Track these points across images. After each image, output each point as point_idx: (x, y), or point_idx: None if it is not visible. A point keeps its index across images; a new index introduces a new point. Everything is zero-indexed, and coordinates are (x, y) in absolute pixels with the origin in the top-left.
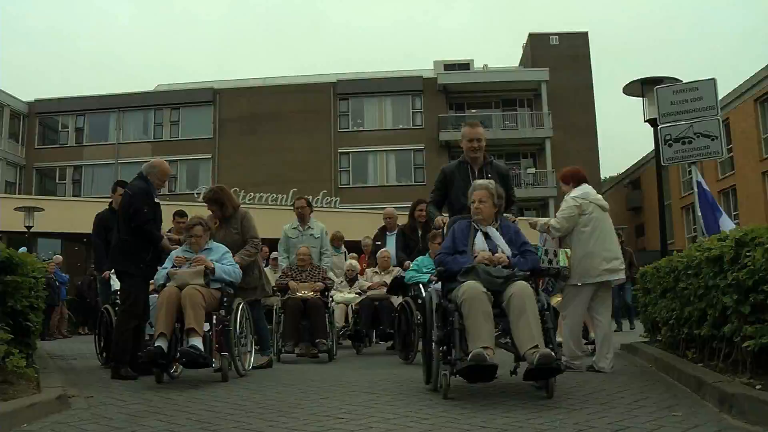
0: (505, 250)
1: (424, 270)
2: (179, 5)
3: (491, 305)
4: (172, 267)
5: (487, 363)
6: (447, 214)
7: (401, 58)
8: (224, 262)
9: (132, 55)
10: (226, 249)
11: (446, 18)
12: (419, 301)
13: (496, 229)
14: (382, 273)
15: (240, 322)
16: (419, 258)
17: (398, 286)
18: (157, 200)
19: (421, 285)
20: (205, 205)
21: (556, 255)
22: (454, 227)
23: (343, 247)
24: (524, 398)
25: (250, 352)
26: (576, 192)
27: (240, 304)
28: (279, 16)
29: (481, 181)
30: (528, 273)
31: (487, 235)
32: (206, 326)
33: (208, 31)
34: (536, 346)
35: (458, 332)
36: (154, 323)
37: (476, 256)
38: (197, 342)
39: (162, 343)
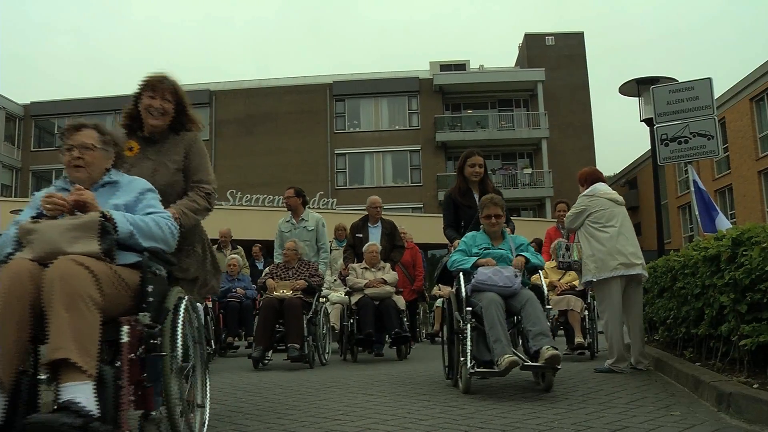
0: None
1: (474, 250)
2: (177, 6)
3: None
4: (31, 218)
5: None
6: None
7: (397, 59)
8: (141, 206)
9: (128, 56)
10: (148, 186)
11: (443, 19)
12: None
13: None
14: (374, 269)
15: (186, 335)
16: (469, 234)
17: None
18: None
19: (461, 274)
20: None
21: (569, 249)
22: None
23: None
24: (522, 399)
25: (205, 400)
26: (585, 191)
27: (184, 300)
28: (274, 17)
29: None
30: None
31: None
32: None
33: (208, 32)
34: None
35: None
36: None
37: None
38: (82, 391)
39: None
